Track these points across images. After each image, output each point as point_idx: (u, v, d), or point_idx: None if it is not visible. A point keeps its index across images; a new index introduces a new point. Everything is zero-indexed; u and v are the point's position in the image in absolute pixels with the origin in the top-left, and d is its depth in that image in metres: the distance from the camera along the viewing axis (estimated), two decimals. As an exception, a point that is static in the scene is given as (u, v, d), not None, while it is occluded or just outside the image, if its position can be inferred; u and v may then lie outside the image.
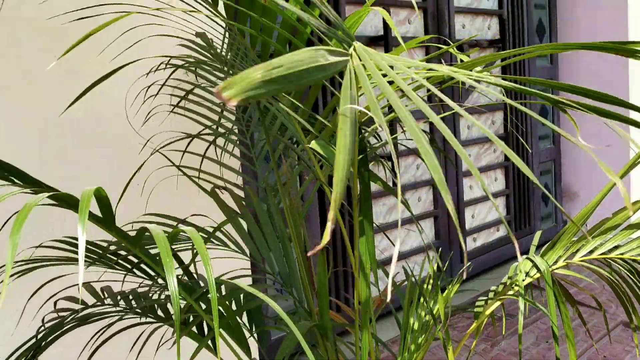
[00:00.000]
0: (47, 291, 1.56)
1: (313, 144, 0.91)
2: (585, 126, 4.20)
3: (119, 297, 1.20)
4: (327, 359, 1.38)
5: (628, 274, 1.34)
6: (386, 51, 3.02)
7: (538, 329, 3.22)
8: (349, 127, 0.57)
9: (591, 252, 1.37)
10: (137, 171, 1.09)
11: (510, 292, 1.41)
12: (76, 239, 1.15)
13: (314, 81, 0.56)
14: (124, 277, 1.09)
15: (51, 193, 0.66)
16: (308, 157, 1.40)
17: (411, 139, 2.44)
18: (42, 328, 1.29)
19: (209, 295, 1.20)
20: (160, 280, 1.15)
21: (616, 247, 1.38)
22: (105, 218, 0.79)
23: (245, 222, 1.37)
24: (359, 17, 0.90)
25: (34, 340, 1.28)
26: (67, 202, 0.71)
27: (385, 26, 3.12)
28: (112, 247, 1.06)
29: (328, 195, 1.36)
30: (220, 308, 1.20)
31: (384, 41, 3.08)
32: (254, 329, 1.39)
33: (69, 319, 1.33)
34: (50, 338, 1.30)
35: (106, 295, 1.18)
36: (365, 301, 1.07)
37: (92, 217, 0.80)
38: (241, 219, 1.37)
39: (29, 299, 1.15)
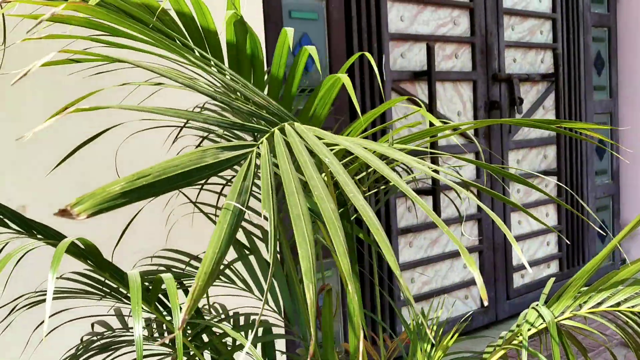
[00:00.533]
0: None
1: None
2: (646, 162, 4.05)
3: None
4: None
5: (634, 324, 1.31)
6: (429, 86, 3.05)
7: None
8: (228, 221, 0.61)
9: (599, 304, 1.35)
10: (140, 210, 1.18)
11: (515, 342, 1.41)
12: (89, 273, 1.25)
13: (198, 179, 0.61)
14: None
15: (36, 242, 0.76)
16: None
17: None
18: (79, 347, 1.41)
19: (214, 329, 1.27)
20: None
21: (627, 300, 1.35)
22: (98, 262, 0.88)
23: (255, 259, 1.43)
24: (333, 86, 0.95)
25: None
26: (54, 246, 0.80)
27: (430, 61, 3.15)
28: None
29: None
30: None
31: (428, 76, 3.10)
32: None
33: (96, 345, 1.44)
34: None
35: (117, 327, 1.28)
36: (353, 353, 1.10)
37: (83, 257, 0.90)
38: (251, 256, 1.44)
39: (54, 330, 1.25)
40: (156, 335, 1.49)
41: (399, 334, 2.99)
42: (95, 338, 1.45)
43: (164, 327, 1.49)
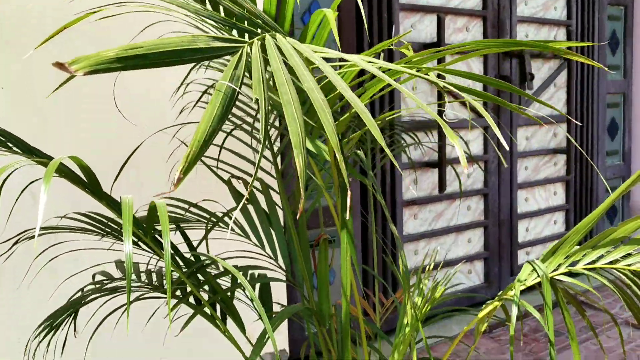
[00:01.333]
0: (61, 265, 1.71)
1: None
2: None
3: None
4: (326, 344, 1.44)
5: (633, 285, 1.30)
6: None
7: (586, 349, 3.10)
8: (220, 100, 0.63)
9: (594, 261, 1.35)
10: (131, 155, 1.19)
11: (511, 293, 1.41)
12: (96, 214, 1.27)
13: (187, 61, 0.63)
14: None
15: (34, 159, 0.77)
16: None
17: (453, 146, 2.39)
18: (80, 294, 1.44)
19: (209, 270, 1.29)
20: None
21: (624, 257, 1.35)
22: (92, 184, 0.90)
23: (254, 209, 1.45)
24: (323, 26, 0.95)
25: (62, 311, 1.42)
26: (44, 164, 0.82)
27: (439, 34, 3.13)
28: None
29: (329, 201, 1.42)
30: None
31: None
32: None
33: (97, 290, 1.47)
34: (84, 301, 1.44)
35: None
36: (345, 316, 1.12)
37: (81, 184, 0.91)
38: (251, 207, 1.45)
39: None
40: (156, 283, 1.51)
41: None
42: (96, 286, 1.47)
43: (163, 276, 1.51)
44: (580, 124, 3.88)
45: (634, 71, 4.29)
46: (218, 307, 1.57)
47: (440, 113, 3.06)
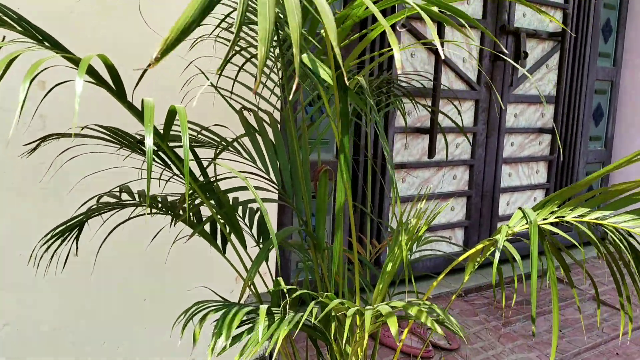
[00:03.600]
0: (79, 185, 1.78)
1: (303, 58, 1.05)
2: None
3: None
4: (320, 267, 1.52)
5: (619, 244, 1.37)
6: (439, 27, 3.10)
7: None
8: None
9: (582, 216, 1.43)
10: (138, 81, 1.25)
11: (497, 236, 1.51)
12: (110, 127, 1.34)
13: None
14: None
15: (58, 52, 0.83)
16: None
17: (448, 117, 2.51)
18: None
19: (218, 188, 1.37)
20: (175, 170, 1.32)
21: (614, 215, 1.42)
22: (117, 86, 0.96)
23: (261, 138, 1.52)
24: None
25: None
26: (74, 60, 0.88)
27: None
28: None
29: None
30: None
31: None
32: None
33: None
34: (90, 214, 1.51)
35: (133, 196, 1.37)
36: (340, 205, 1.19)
37: (105, 85, 0.98)
38: (259, 136, 1.53)
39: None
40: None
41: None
42: (104, 203, 1.54)
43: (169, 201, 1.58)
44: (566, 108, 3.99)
45: (623, 61, 4.40)
46: (219, 236, 1.65)
47: (437, 85, 3.14)
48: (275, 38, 1.49)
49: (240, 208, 1.62)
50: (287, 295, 1.26)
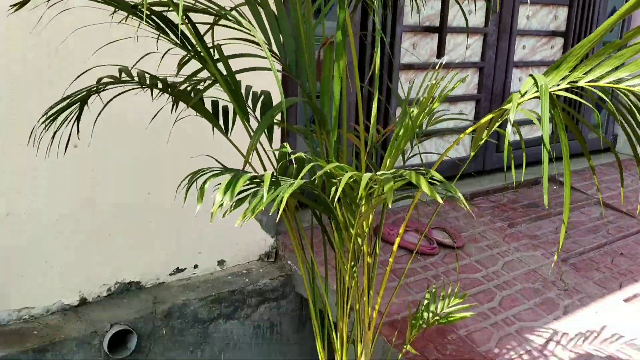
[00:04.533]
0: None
1: None
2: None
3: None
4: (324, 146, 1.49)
5: (634, 109, 1.30)
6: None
7: (560, 221, 3.25)
8: None
9: (596, 80, 1.35)
10: None
11: (506, 106, 1.46)
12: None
13: None
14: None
15: None
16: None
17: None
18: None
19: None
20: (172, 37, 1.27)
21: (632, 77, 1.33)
22: None
23: (264, 13, 1.45)
24: None
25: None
26: None
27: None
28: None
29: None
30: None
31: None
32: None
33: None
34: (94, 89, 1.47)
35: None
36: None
37: None
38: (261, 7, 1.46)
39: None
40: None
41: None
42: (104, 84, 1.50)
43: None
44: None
45: None
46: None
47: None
48: None
49: (243, 90, 1.57)
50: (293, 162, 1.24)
